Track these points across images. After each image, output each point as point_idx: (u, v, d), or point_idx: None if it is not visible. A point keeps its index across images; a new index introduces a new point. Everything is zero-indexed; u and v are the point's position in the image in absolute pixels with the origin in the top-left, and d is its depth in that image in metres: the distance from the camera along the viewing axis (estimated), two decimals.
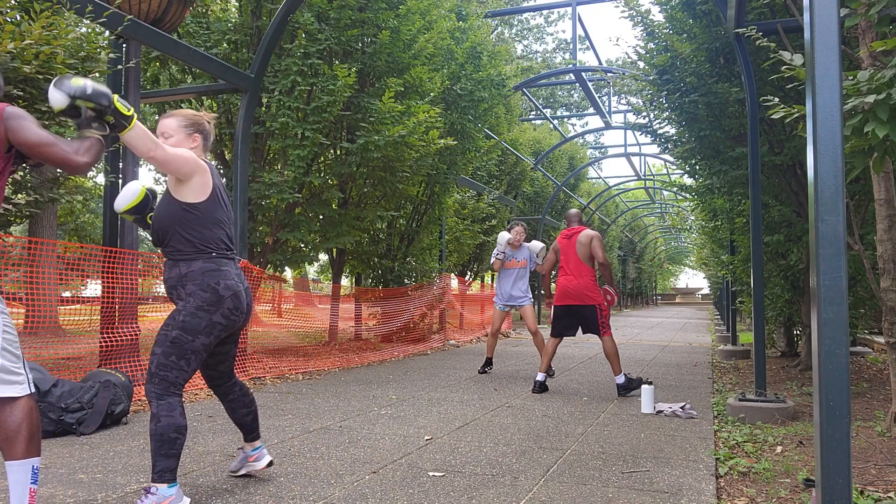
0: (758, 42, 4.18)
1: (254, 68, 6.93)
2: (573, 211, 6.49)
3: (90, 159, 2.31)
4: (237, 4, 8.77)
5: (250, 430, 3.18)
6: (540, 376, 6.12)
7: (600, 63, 13.37)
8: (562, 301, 6.16)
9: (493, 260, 7.51)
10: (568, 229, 6.36)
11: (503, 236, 7.39)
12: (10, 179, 3.08)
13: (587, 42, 12.48)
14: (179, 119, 2.88)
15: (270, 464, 3.24)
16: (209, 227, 2.79)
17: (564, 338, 6.25)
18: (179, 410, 2.70)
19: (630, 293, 40.73)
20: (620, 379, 5.96)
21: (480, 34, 10.28)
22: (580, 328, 6.13)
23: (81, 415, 4.19)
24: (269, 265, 8.74)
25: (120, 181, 6.50)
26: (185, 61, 6.10)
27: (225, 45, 8.17)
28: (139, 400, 5.11)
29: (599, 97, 18.36)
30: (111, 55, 5.69)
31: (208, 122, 2.97)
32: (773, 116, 3.55)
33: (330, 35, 7.84)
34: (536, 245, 7.50)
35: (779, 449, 4.02)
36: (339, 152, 8.76)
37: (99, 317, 5.68)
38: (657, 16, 7.21)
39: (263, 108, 8.09)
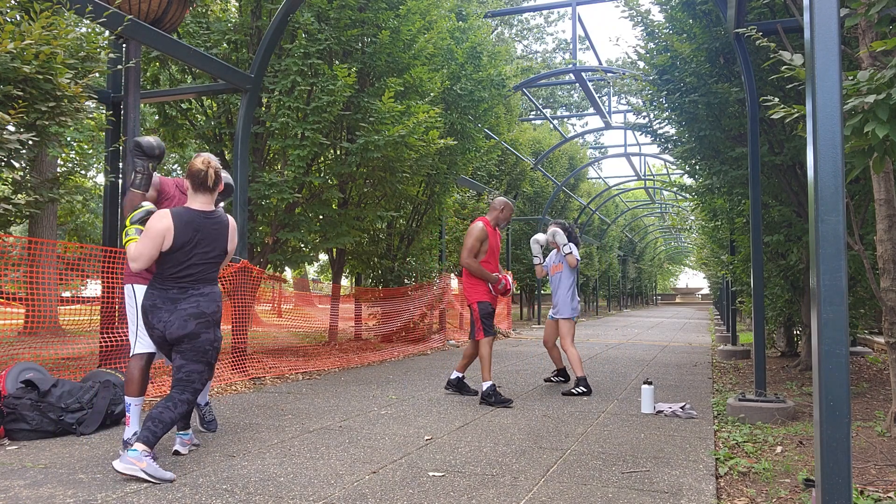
0: (758, 42, 4.18)
1: (254, 68, 6.93)
2: (499, 199, 5.84)
3: None
4: (237, 4, 8.77)
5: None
6: (454, 374, 5.96)
7: (600, 63, 13.37)
8: None
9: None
10: None
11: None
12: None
13: (587, 42, 12.48)
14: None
15: (176, 453, 3.70)
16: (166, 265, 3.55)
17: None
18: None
19: (630, 293, 40.76)
20: (486, 385, 5.45)
21: (480, 34, 10.28)
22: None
23: (81, 415, 4.19)
24: (269, 265, 8.74)
25: (120, 181, 6.51)
26: (185, 61, 6.10)
27: (225, 45, 8.16)
28: None
29: (599, 97, 18.36)
30: (111, 55, 5.70)
31: (197, 171, 3.53)
32: (773, 116, 3.55)
33: (330, 35, 7.83)
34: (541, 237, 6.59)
35: (779, 449, 4.02)
36: (339, 152, 8.76)
37: (99, 317, 5.68)
38: (657, 16, 7.22)
39: (263, 108, 8.08)
